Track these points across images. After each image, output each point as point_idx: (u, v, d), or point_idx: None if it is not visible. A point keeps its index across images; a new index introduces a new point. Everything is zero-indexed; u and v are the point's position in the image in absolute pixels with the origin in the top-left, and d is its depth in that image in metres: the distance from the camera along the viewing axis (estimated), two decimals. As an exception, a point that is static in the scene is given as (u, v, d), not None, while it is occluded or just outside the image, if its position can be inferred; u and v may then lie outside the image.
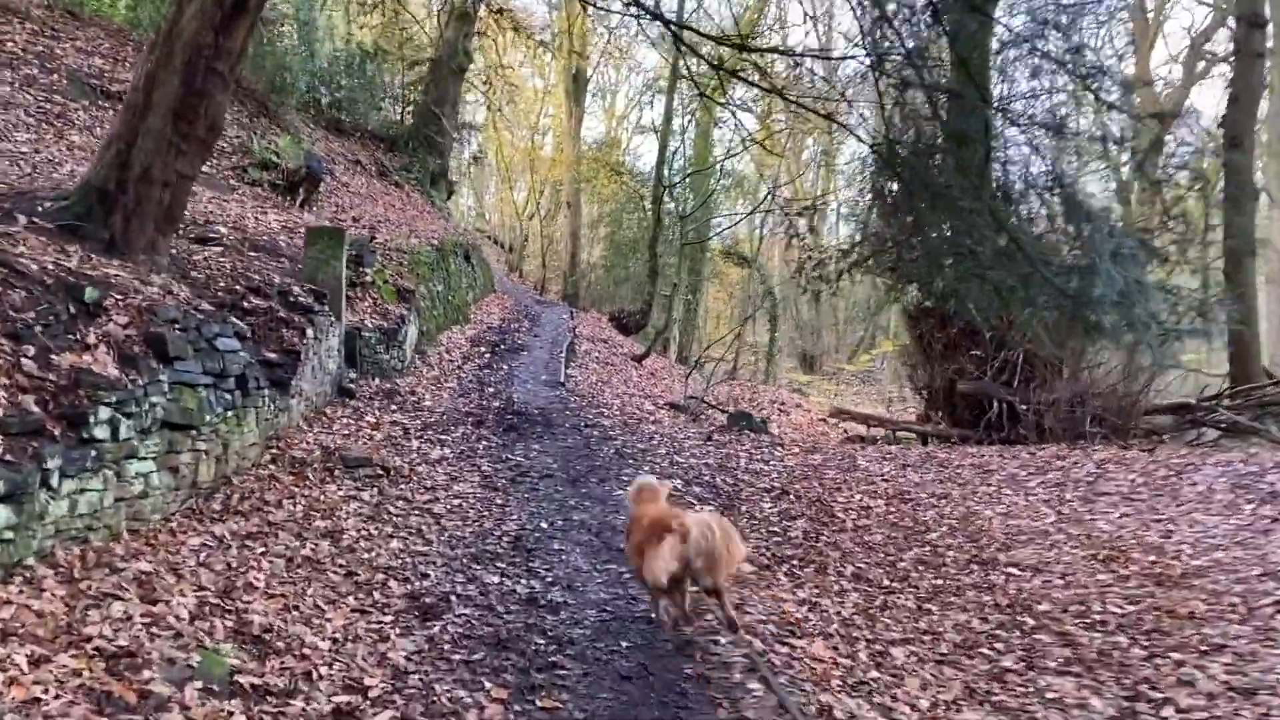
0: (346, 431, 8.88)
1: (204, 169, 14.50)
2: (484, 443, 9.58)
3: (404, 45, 24.82)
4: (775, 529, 7.83)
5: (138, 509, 5.21)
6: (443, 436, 9.59)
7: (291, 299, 8.67)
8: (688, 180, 25.72)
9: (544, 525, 6.90)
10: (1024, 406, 14.04)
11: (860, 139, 10.82)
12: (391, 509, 6.80)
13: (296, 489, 6.67)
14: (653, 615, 5.16)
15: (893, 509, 8.94)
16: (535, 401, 12.50)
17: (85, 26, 16.49)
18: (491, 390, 13.10)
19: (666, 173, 27.00)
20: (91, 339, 5.16)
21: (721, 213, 32.76)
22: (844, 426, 20.85)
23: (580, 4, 34.01)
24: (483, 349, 16.44)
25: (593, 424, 11.37)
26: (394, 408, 10.51)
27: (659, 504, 5.32)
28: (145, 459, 5.27)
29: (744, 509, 8.32)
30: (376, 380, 11.59)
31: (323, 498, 6.60)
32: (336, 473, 7.26)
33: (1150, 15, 28.74)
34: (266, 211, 13.37)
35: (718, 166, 28.60)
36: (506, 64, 33.27)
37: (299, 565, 5.37)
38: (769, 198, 24.73)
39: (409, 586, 5.41)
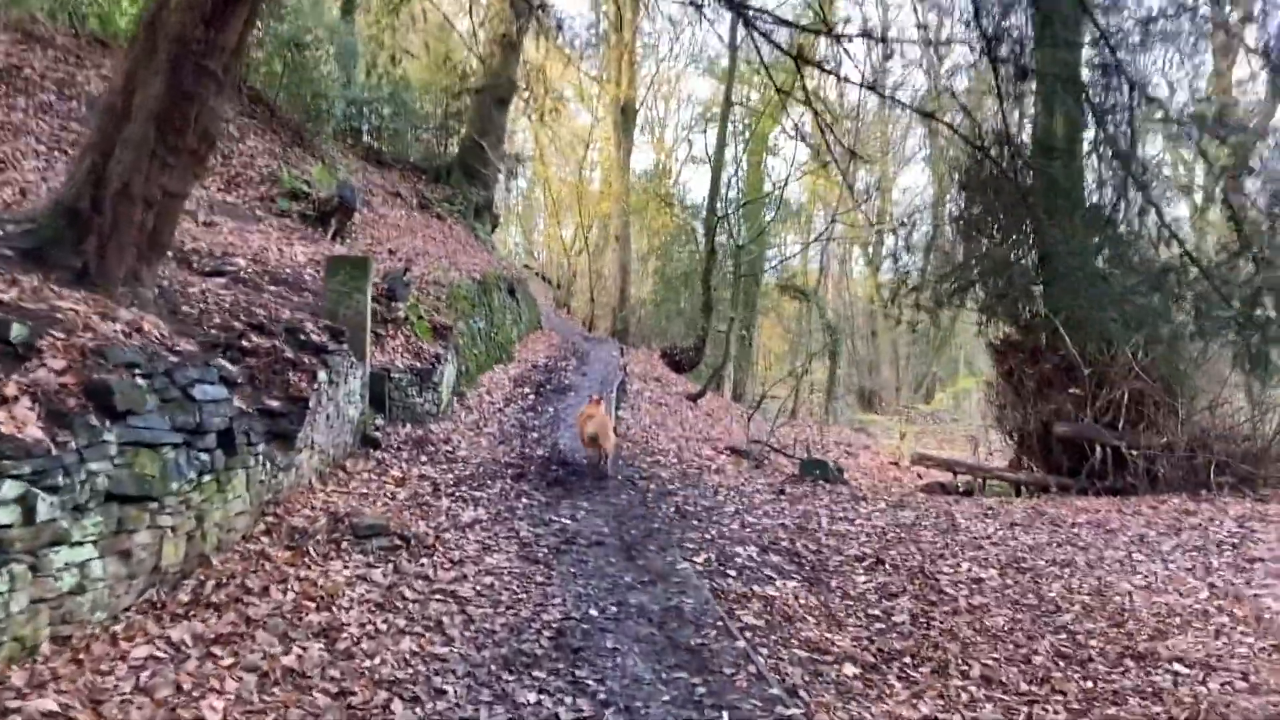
0: (365, 490, 7.66)
1: (229, 199, 13.67)
2: (524, 500, 8.30)
3: (448, 74, 24.06)
4: (875, 611, 6.40)
5: (68, 610, 4.01)
6: (477, 493, 8.33)
7: (302, 337, 7.52)
8: (742, 210, 24.49)
9: (593, 612, 5.57)
10: (1133, 451, 12.42)
11: (967, 139, 9.43)
12: (408, 592, 5.52)
13: (291, 569, 5.43)
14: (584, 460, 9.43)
15: (1010, 581, 7.45)
16: (583, 449, 11.22)
17: (113, 54, 15.83)
18: (535, 436, 11.86)
19: (720, 203, 25.86)
20: (10, 390, 3.99)
21: (777, 243, 31.50)
22: (917, 470, 19.23)
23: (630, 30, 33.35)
24: (527, 389, 15.24)
25: (648, 475, 10.05)
26: (424, 459, 9.30)
27: (597, 408, 9.94)
28: (81, 544, 4.07)
29: (834, 583, 6.90)
30: (407, 427, 10.42)
31: (322, 581, 5.35)
32: (344, 545, 6.02)
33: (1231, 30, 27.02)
34: (293, 243, 12.39)
35: (775, 194, 27.32)
36: (552, 90, 32.55)
37: (276, 682, 4.11)
38: (832, 225, 23.36)
39: (418, 711, 4.11)
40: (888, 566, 7.47)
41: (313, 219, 14.04)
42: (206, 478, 5.13)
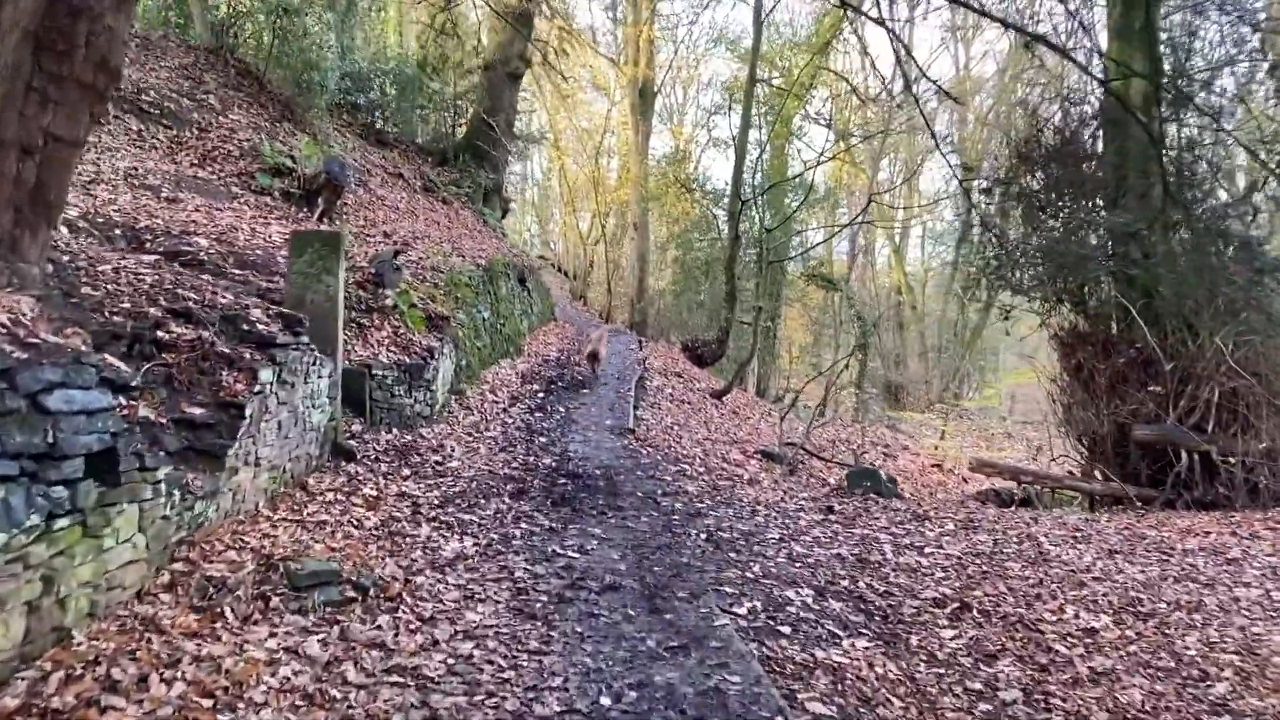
0: (326, 516, 6.20)
1: (201, 175, 12.25)
2: (524, 526, 6.82)
3: (456, 50, 22.58)
4: (975, 684, 4.88)
5: None
6: (467, 516, 6.86)
7: (245, 327, 6.05)
8: (768, 193, 22.88)
9: (605, 701, 4.07)
10: (1227, 459, 10.83)
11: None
12: (352, 673, 4.05)
13: (191, 643, 3.97)
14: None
15: (1131, 633, 5.90)
16: (597, 457, 9.74)
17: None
18: (543, 441, 10.39)
19: (744, 188, 24.25)
20: None
21: (803, 230, 29.89)
22: (961, 473, 17.65)
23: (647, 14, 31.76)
24: (536, 386, 13.77)
25: (672, 489, 8.54)
26: (408, 472, 7.84)
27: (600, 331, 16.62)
28: None
29: (914, 640, 5.38)
30: (392, 432, 8.97)
31: (232, 660, 3.89)
32: (275, 602, 4.56)
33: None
34: (270, 223, 10.96)
35: (806, 173, 25.72)
36: (567, 71, 31.07)
37: None
38: (869, 205, 21.70)
39: None
40: (976, 614, 5.94)
41: (297, 198, 12.61)
42: (62, 521, 3.67)
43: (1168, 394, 11.48)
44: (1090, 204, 12.75)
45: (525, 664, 4.39)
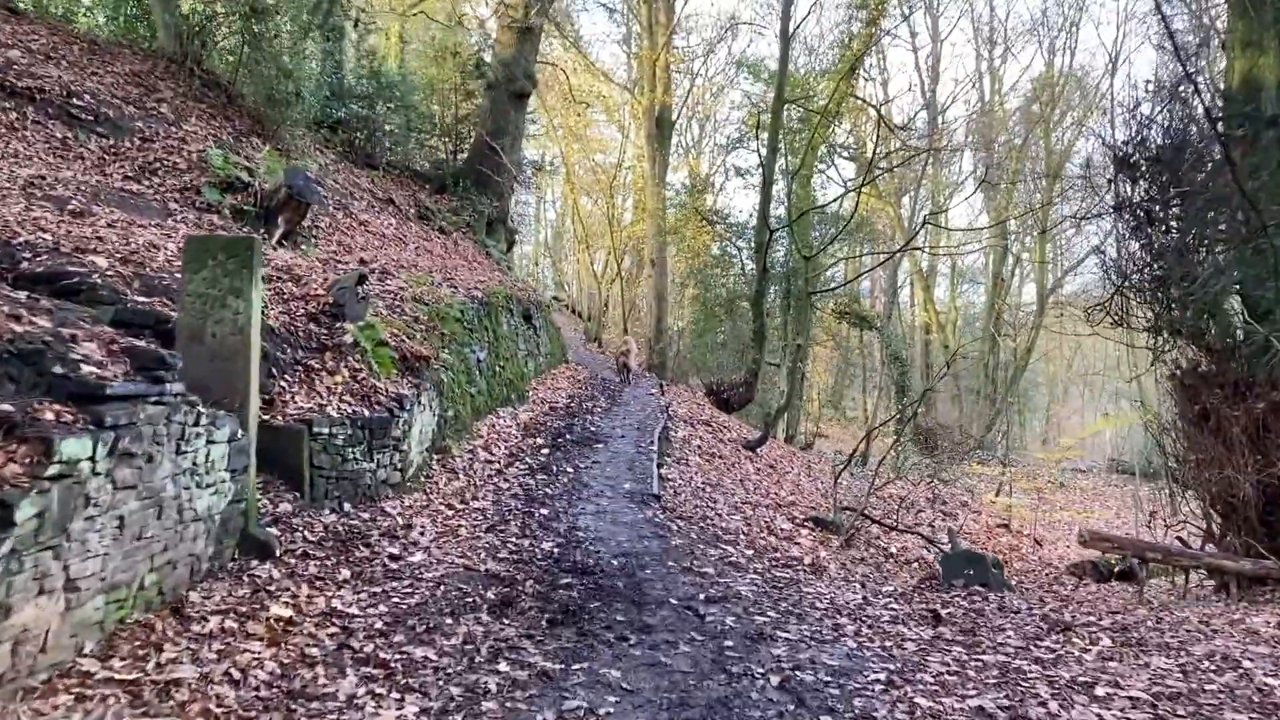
0: (184, 672, 3.95)
1: (135, 188, 10.20)
2: (504, 665, 4.53)
3: (456, 68, 20.69)
4: None
5: None
6: (420, 652, 4.57)
7: (59, 371, 3.85)
8: (797, 221, 20.70)
9: None
10: None
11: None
12: None
13: None
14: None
15: None
16: (614, 537, 7.45)
17: (19, 21, 12.60)
18: (544, 514, 8.12)
19: (771, 219, 22.10)
20: None
21: (837, 260, 27.72)
22: (1032, 536, 15.26)
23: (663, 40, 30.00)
24: (540, 440, 11.53)
25: (717, 591, 6.21)
26: (347, 573, 5.58)
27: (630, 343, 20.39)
28: None
29: None
30: (342, 509, 6.75)
31: None
32: None
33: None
34: (207, 242, 8.80)
35: (838, 201, 23.63)
36: (578, 97, 29.29)
37: None
38: (923, 227, 19.45)
39: None
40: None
41: (252, 216, 10.52)
42: None
43: (1327, 448, 9.13)
44: (1212, 215, 10.48)
45: None
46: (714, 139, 41.93)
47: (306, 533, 5.97)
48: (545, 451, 10.94)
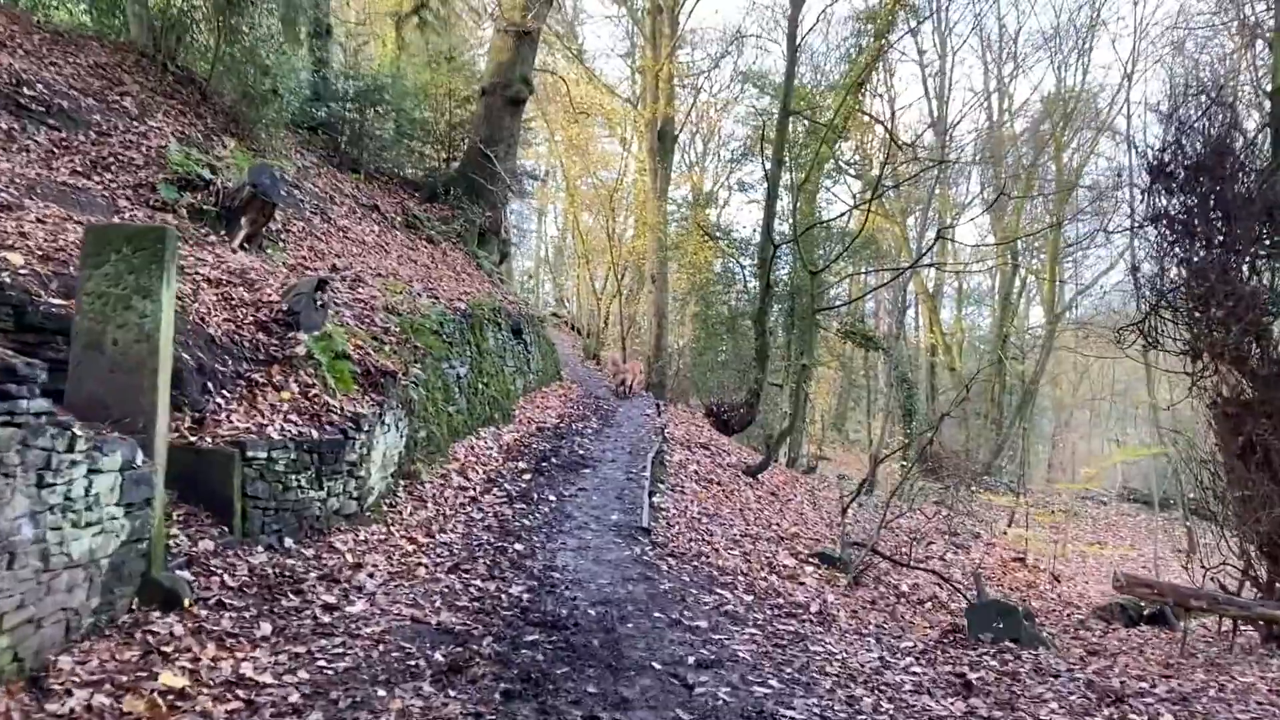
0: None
1: (83, 183, 9.36)
2: (441, 757, 3.64)
3: (450, 74, 19.91)
4: None
5: None
6: (337, 738, 3.69)
7: None
8: (803, 236, 19.85)
9: None
10: None
11: None
12: None
13: None
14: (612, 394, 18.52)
15: None
16: (594, 580, 6.54)
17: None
18: (518, 550, 7.22)
19: (775, 234, 21.25)
20: None
21: (842, 278, 26.91)
22: (1048, 571, 14.32)
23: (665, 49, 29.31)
24: (523, 464, 10.63)
25: (710, 652, 5.29)
26: (268, 628, 4.68)
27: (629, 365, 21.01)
28: None
29: None
30: (282, 545, 5.88)
31: None
32: None
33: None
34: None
35: (846, 216, 22.84)
36: (580, 110, 28.61)
37: None
38: (937, 241, 18.60)
39: None
40: None
41: (212, 216, 9.68)
42: None
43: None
44: (1255, 229, 9.62)
45: None
46: (718, 156, 41.23)
47: (227, 576, 5.08)
48: (527, 477, 10.04)
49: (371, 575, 5.92)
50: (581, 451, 11.88)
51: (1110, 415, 49.26)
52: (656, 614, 5.82)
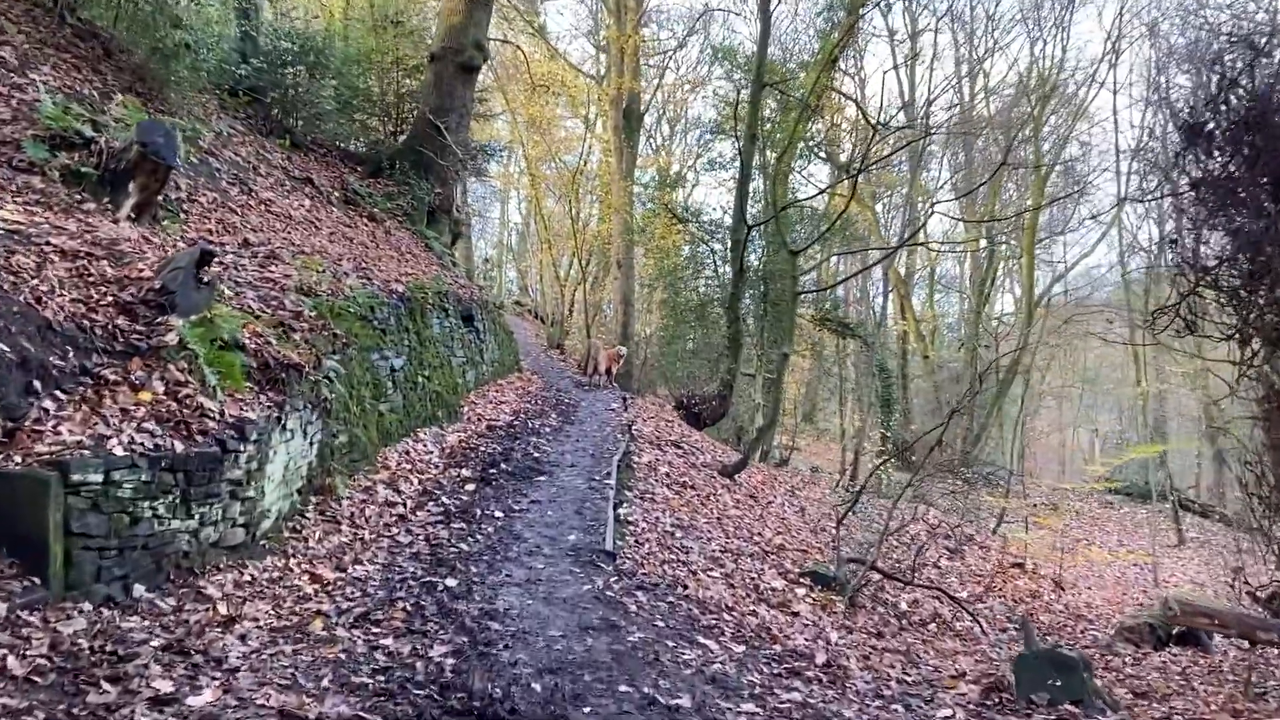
0: None
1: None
2: None
3: (398, 38, 18.26)
4: None
5: None
6: None
7: None
8: (779, 215, 18.47)
9: None
10: None
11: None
12: None
13: None
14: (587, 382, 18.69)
15: None
16: (543, 632, 5.11)
17: None
18: (449, 588, 5.76)
19: (749, 216, 19.88)
20: None
21: (818, 262, 25.66)
22: (1056, 582, 13.16)
23: (630, 24, 27.80)
24: (467, 472, 9.16)
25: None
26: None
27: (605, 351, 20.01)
28: None
29: None
30: (129, 595, 4.40)
31: None
32: None
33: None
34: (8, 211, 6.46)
35: (823, 196, 21.59)
36: (541, 84, 27.10)
37: None
38: (925, 221, 17.31)
39: None
40: None
41: (92, 180, 8.07)
42: None
43: None
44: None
45: None
46: (685, 139, 39.83)
47: (11, 658, 3.58)
48: (471, 488, 8.57)
49: (244, 637, 4.44)
50: (537, 454, 10.43)
51: (1079, 404, 48.72)
52: (623, 688, 4.39)
